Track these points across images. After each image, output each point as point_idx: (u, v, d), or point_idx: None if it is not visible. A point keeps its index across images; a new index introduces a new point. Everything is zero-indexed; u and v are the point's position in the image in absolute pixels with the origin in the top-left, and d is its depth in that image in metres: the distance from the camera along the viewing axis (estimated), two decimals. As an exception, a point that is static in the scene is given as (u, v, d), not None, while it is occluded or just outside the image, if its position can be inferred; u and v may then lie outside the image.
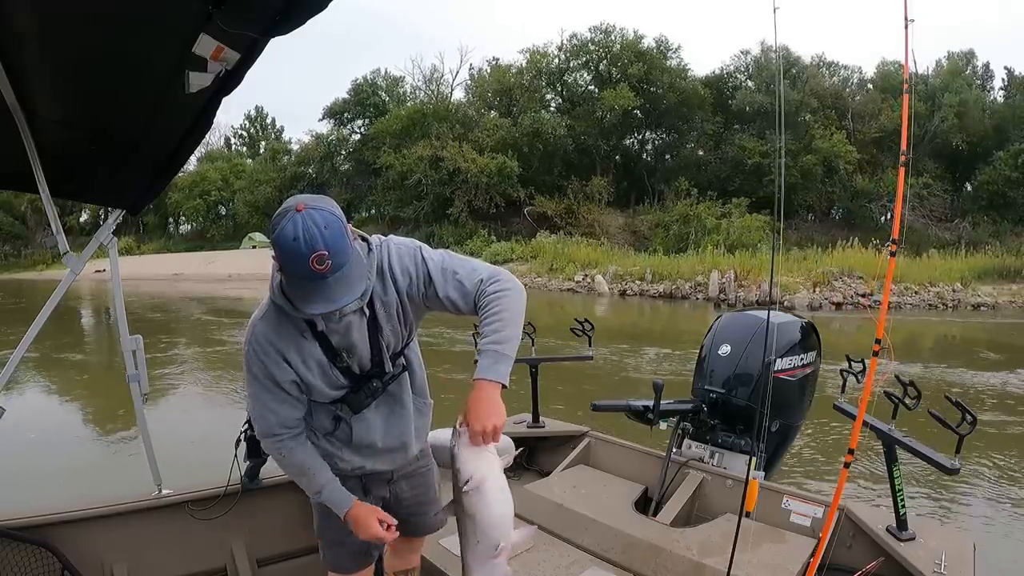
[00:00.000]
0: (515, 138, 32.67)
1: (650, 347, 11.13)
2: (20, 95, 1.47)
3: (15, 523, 2.00)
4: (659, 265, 23.76)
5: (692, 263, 23.04)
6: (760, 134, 31.41)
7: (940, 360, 10.42)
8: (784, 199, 29.43)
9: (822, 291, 20.39)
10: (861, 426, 2.01)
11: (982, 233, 27.65)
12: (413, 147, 31.78)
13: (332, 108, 40.86)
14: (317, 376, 1.48)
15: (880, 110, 31.65)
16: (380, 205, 32.83)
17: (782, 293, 19.73)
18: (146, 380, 2.32)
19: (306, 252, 1.20)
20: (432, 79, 40.47)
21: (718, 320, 3.28)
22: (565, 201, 31.72)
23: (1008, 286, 21.62)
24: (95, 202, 2.88)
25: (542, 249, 27.44)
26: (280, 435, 1.51)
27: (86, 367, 10.29)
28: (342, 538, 1.67)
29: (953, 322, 16.49)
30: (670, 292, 21.80)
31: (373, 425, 1.60)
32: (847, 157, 29.76)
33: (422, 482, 1.83)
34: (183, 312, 18.58)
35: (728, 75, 35.69)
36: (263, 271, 1.61)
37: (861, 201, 30.45)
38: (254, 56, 1.19)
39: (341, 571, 1.74)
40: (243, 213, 42.78)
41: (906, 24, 1.78)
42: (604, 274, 23.88)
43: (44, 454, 5.61)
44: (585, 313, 17.54)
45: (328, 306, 1.26)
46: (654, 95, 33.57)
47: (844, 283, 20.76)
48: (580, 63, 35.54)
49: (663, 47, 34.93)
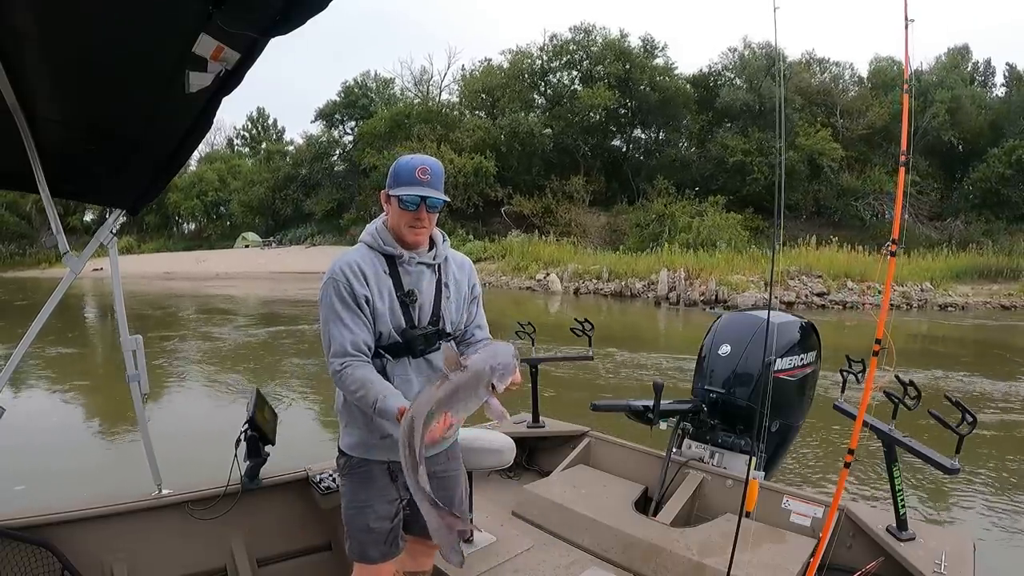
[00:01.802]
0: (495, 138, 33.20)
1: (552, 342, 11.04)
2: (20, 95, 1.47)
3: (15, 523, 2.00)
4: (617, 264, 23.96)
5: (650, 262, 23.18)
6: (743, 131, 31.27)
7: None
8: (768, 197, 29.60)
9: (774, 290, 20.35)
10: (861, 426, 2.00)
11: (974, 232, 27.15)
12: (396, 148, 32.48)
13: (323, 110, 41.94)
14: (386, 304, 1.72)
15: (869, 107, 31.26)
16: (368, 205, 33.76)
17: (729, 292, 19.80)
18: (146, 380, 2.32)
19: (416, 164, 1.69)
20: (421, 80, 41.56)
21: (718, 320, 3.28)
22: (543, 200, 32.03)
23: (988, 286, 21.36)
24: (95, 202, 2.88)
25: (511, 248, 27.73)
26: (352, 355, 1.67)
27: (85, 367, 10.29)
28: (369, 524, 1.71)
29: (905, 321, 16.21)
30: (620, 291, 22.09)
31: (412, 384, 1.72)
32: (832, 155, 29.29)
33: (447, 484, 1.86)
34: (171, 308, 18.78)
35: (717, 73, 35.46)
36: (250, 270, 1.66)
37: (848, 199, 29.90)
38: (254, 56, 1.19)
39: (366, 560, 1.75)
40: (238, 213, 44.15)
41: (906, 24, 1.77)
42: (563, 273, 24.13)
43: (45, 454, 5.61)
44: (526, 310, 17.64)
45: (424, 191, 1.68)
46: (638, 94, 33.68)
47: (801, 282, 20.66)
48: (561, 63, 35.81)
49: (649, 46, 35.05)
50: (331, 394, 1.90)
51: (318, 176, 40.06)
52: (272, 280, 28.48)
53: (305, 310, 16.74)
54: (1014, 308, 19.26)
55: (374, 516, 1.72)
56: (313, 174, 40.15)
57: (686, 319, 17.55)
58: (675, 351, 11.36)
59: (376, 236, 1.76)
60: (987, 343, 13.47)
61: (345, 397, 1.77)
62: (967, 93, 31.90)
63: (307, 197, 40.38)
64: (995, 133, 30.01)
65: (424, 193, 1.67)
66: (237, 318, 16.32)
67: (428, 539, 1.90)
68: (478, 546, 2.38)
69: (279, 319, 15.60)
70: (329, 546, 2.57)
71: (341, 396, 1.79)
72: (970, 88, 33.17)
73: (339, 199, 38.01)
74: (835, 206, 30.04)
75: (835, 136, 30.41)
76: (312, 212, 39.86)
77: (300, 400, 7.79)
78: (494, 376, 1.47)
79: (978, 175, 28.51)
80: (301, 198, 40.83)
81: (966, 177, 29.33)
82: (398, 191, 1.69)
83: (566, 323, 3.98)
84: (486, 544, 2.41)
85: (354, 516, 1.76)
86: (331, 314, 1.67)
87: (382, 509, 1.74)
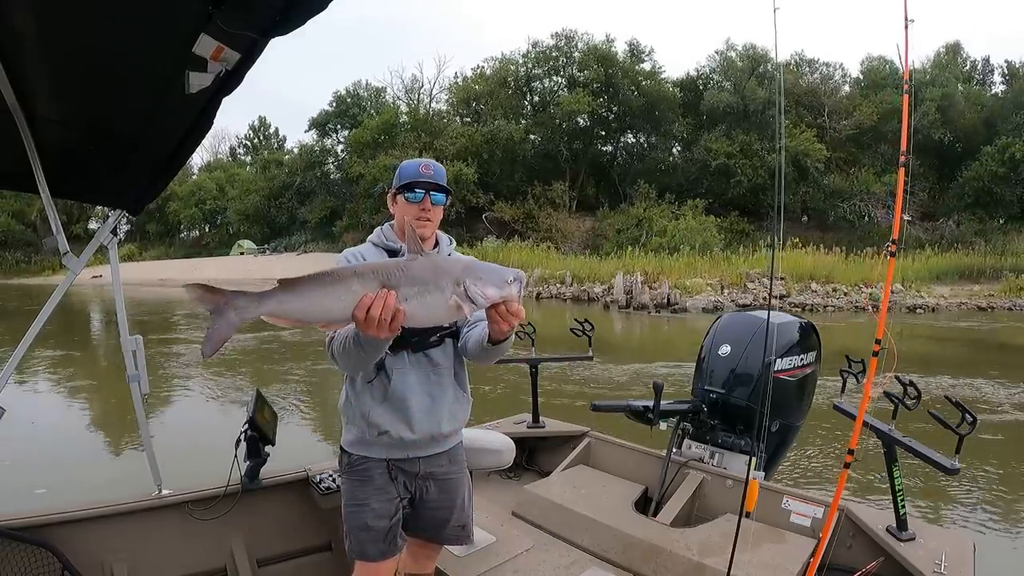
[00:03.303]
0: (477, 145, 33.55)
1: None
2: (20, 95, 1.47)
3: (15, 523, 2.00)
4: (581, 268, 24.14)
5: (614, 266, 23.30)
6: (727, 134, 31.16)
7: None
8: (752, 200, 29.49)
9: (731, 292, 20.25)
10: (861, 426, 2.01)
11: (966, 232, 26.60)
12: (381, 157, 33.12)
13: (316, 119, 42.74)
14: None
15: (856, 106, 30.86)
16: (357, 212, 34.47)
17: (681, 295, 19.78)
18: (146, 380, 2.32)
19: (419, 163, 1.82)
20: (412, 89, 42.13)
21: (718, 320, 3.28)
22: (525, 206, 32.24)
23: (969, 287, 21.04)
24: (95, 202, 2.88)
25: (486, 253, 27.86)
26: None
27: (87, 369, 10.29)
28: (368, 522, 1.72)
29: (857, 323, 15.92)
30: (577, 295, 22.30)
31: (409, 381, 1.73)
32: (816, 155, 28.93)
33: (449, 487, 1.86)
34: (164, 314, 18.87)
35: (704, 76, 35.36)
36: (240, 277, 1.67)
37: (835, 201, 29.46)
38: (254, 56, 1.19)
39: (365, 559, 1.74)
40: (235, 221, 45.08)
41: (906, 24, 1.77)
42: (530, 277, 24.09)
43: (43, 454, 5.62)
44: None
45: (428, 177, 1.78)
46: (623, 99, 33.78)
47: (762, 285, 20.52)
48: (544, 70, 36.07)
49: (636, 50, 35.17)
50: (329, 395, 1.90)
51: (312, 184, 40.69)
52: (255, 286, 28.70)
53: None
54: (991, 309, 18.87)
55: (372, 514, 1.72)
56: (306, 183, 40.80)
57: (627, 322, 17.64)
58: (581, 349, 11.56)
59: (381, 234, 1.85)
60: (937, 343, 13.34)
61: (348, 395, 1.77)
62: (963, 91, 31.48)
63: (302, 205, 40.96)
64: (990, 131, 29.41)
65: (428, 177, 1.79)
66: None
67: (429, 540, 1.90)
68: (478, 546, 2.37)
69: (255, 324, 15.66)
70: (329, 546, 2.57)
71: (344, 394, 1.80)
72: (967, 86, 32.77)
73: (332, 207, 38.56)
74: (823, 208, 29.66)
75: (822, 137, 30.07)
76: (306, 220, 40.43)
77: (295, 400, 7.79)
78: (466, 275, 1.28)
79: (971, 174, 27.93)
80: (296, 206, 41.43)
81: (959, 176, 28.74)
82: (403, 184, 1.79)
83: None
84: (486, 544, 2.41)
85: (353, 514, 1.76)
86: None
87: (380, 507, 1.74)
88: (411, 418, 1.73)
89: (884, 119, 29.66)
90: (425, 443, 1.77)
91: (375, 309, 1.24)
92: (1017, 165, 26.71)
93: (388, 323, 1.26)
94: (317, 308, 1.26)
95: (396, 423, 1.72)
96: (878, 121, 29.86)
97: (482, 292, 1.28)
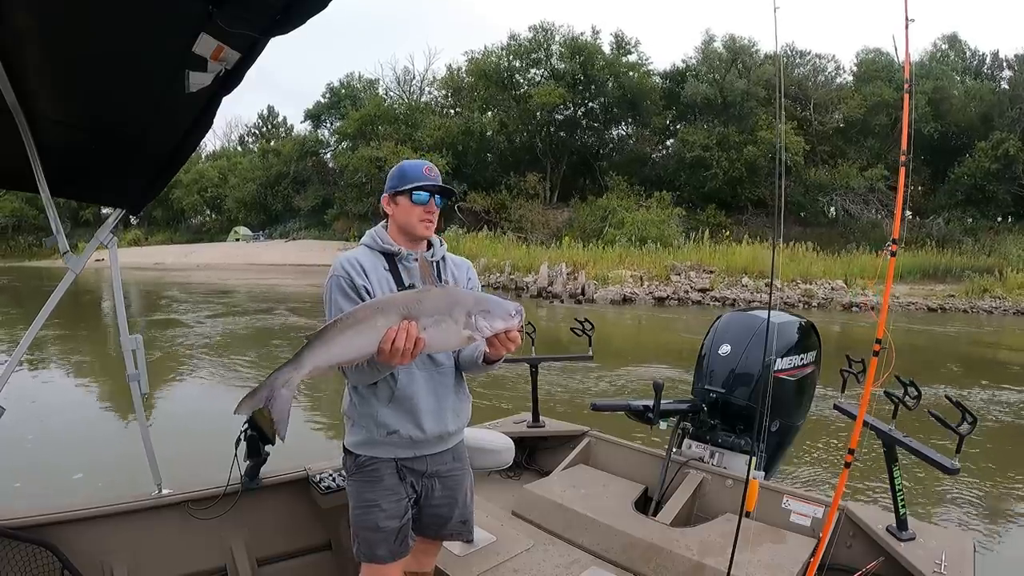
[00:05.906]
0: (453, 136, 33.96)
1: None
2: (20, 95, 1.47)
3: (15, 523, 2.00)
4: (521, 258, 24.38)
5: (554, 256, 23.56)
6: (705, 126, 30.91)
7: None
8: (729, 193, 29.13)
9: (650, 285, 20.14)
10: (861, 426, 2.00)
11: (954, 230, 25.56)
12: (360, 148, 33.86)
13: (311, 111, 44.03)
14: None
15: (844, 99, 30.05)
16: (343, 201, 35.57)
17: (597, 286, 19.74)
18: (146, 380, 2.31)
19: (422, 164, 1.82)
20: (404, 80, 42.89)
21: (718, 320, 3.28)
22: (498, 197, 32.40)
23: (931, 286, 20.33)
24: (95, 202, 2.88)
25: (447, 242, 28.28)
26: None
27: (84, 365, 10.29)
28: (379, 523, 1.71)
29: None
30: (504, 284, 22.72)
31: (415, 382, 1.74)
32: (794, 148, 27.47)
33: (452, 484, 1.87)
34: (154, 290, 19.88)
35: (689, 68, 34.79)
36: (229, 262, 1.68)
37: (815, 195, 28.65)
38: (254, 56, 1.19)
39: (375, 561, 1.74)
40: (232, 208, 46.90)
41: (906, 24, 1.77)
42: (475, 266, 24.39)
43: (44, 454, 5.61)
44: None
45: (434, 180, 1.80)
46: (603, 91, 33.81)
47: (688, 278, 20.30)
48: (523, 63, 35.98)
49: (621, 42, 34.98)
50: (328, 393, 1.90)
51: (306, 173, 42.12)
52: (236, 271, 31.49)
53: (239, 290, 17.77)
54: (941, 310, 17.90)
55: (383, 515, 1.71)
56: (300, 171, 42.21)
57: (535, 311, 17.36)
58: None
59: (374, 237, 1.82)
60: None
61: (352, 398, 1.77)
62: (962, 84, 30.60)
63: (297, 193, 42.38)
64: (986, 126, 28.08)
65: (432, 179, 1.80)
66: (194, 298, 17.71)
67: (431, 538, 1.90)
68: (478, 545, 2.38)
69: (217, 298, 16.63)
70: (329, 546, 2.57)
71: (347, 396, 1.80)
72: (973, 81, 31.61)
73: (324, 195, 39.82)
74: (802, 202, 28.65)
75: (805, 130, 29.29)
76: (300, 208, 42.01)
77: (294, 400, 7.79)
78: (477, 309, 1.44)
79: (963, 170, 26.77)
80: (292, 194, 42.84)
81: (951, 172, 27.59)
82: (410, 187, 1.78)
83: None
84: (486, 544, 2.41)
85: (362, 515, 1.75)
86: (333, 308, 1.71)
87: (391, 508, 1.73)
88: (419, 418, 1.74)
89: (871, 112, 28.97)
90: (433, 442, 1.79)
91: (399, 340, 1.40)
92: (1011, 162, 25.53)
93: (411, 351, 1.41)
94: (351, 349, 1.41)
95: (405, 423, 1.73)
96: (865, 114, 29.22)
97: (490, 325, 1.45)
